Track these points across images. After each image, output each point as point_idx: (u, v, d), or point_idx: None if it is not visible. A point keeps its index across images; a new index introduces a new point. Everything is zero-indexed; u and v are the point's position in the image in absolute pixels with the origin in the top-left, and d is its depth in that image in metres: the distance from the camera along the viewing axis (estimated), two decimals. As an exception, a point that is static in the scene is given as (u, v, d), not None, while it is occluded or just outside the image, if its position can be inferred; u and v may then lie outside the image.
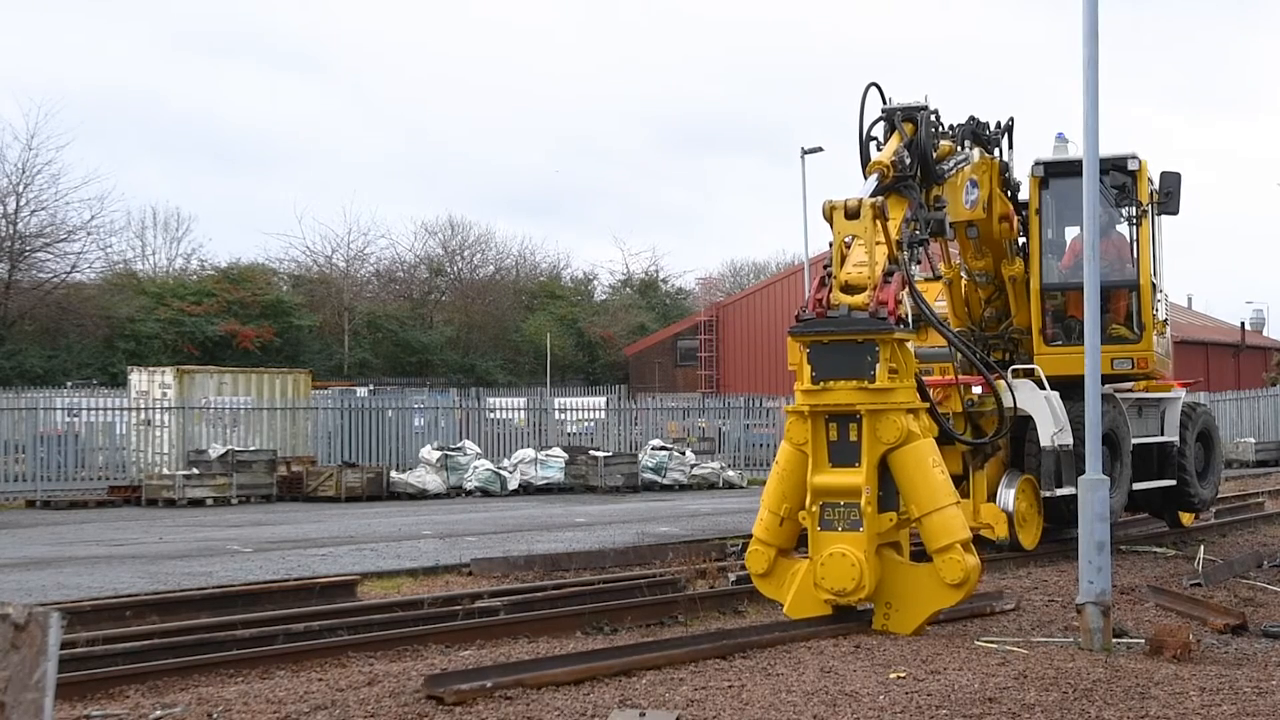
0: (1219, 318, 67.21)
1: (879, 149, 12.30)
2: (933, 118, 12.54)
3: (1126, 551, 15.74)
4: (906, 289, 10.60)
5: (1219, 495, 24.96)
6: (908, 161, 11.92)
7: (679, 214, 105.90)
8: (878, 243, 10.53)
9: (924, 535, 10.03)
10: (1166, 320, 17.37)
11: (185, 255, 60.54)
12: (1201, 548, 15.92)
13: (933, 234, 12.17)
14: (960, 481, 15.26)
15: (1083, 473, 14.85)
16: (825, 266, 10.72)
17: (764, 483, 11.29)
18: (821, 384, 10.07)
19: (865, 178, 11.77)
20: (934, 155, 12.51)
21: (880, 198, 10.86)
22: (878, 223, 10.53)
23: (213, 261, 58.31)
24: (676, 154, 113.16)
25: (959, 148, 13.83)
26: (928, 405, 10.77)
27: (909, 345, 10.53)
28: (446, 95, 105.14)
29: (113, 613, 10.76)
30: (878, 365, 9.97)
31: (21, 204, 47.40)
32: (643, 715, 7.48)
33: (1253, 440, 38.75)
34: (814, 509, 10.02)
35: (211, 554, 16.67)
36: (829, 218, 10.60)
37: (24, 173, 47.39)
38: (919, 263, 11.68)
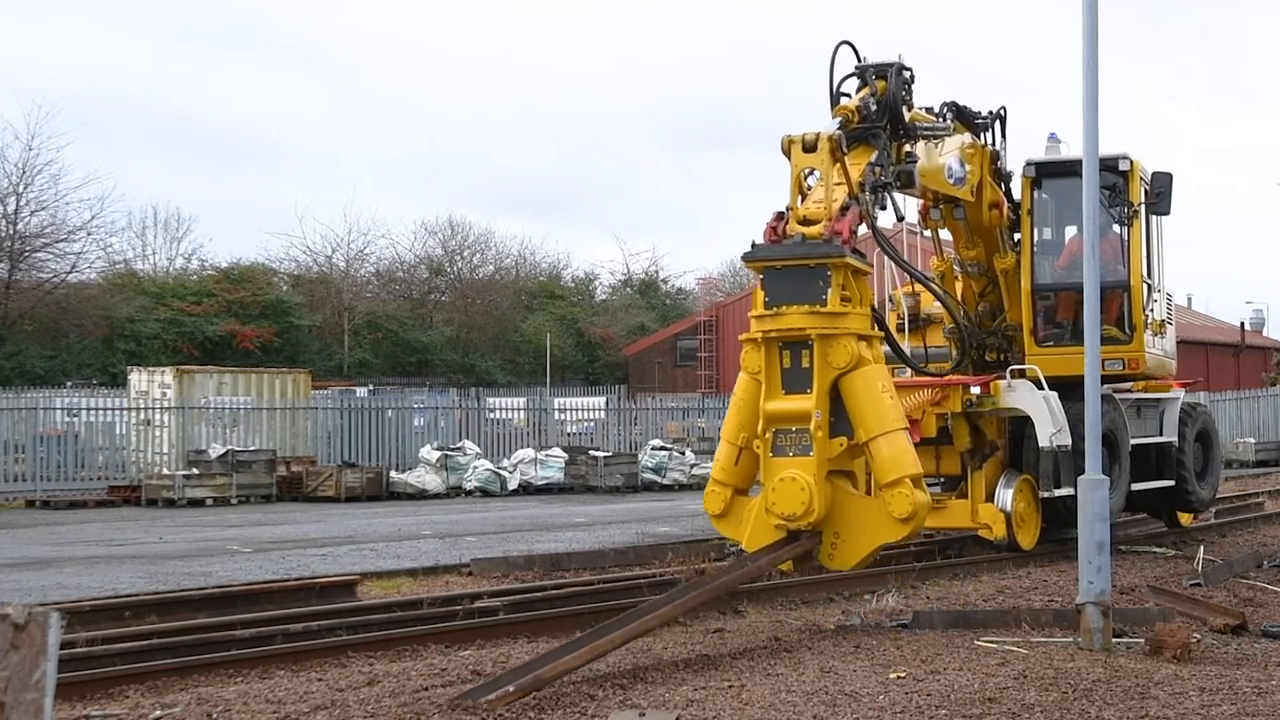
0: (1219, 318, 67.21)
1: None
2: (906, 75, 12.42)
3: (1126, 551, 15.73)
4: (864, 223, 10.66)
5: (1219, 495, 25.03)
6: (873, 108, 11.85)
7: (680, 212, 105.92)
8: (837, 183, 10.62)
9: (873, 466, 9.99)
10: (1168, 321, 17.31)
11: (186, 255, 60.66)
12: (1201, 548, 15.91)
13: (901, 185, 12.13)
14: (958, 481, 15.28)
15: (1082, 473, 14.92)
16: (788, 209, 10.73)
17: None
18: (774, 309, 10.10)
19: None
20: (907, 110, 12.42)
21: (839, 131, 10.80)
22: (835, 158, 10.54)
23: (213, 261, 58.40)
24: (677, 152, 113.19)
25: (940, 119, 13.80)
26: (883, 335, 10.78)
27: (865, 276, 10.54)
28: (446, 94, 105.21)
29: (112, 613, 10.76)
30: (829, 290, 9.99)
31: (22, 204, 47.42)
32: (643, 715, 7.49)
33: (1253, 440, 38.76)
34: (767, 436, 10.03)
35: (211, 554, 16.67)
36: (787, 151, 10.63)
37: (24, 173, 47.44)
38: (884, 207, 11.55)
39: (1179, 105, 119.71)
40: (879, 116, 11.90)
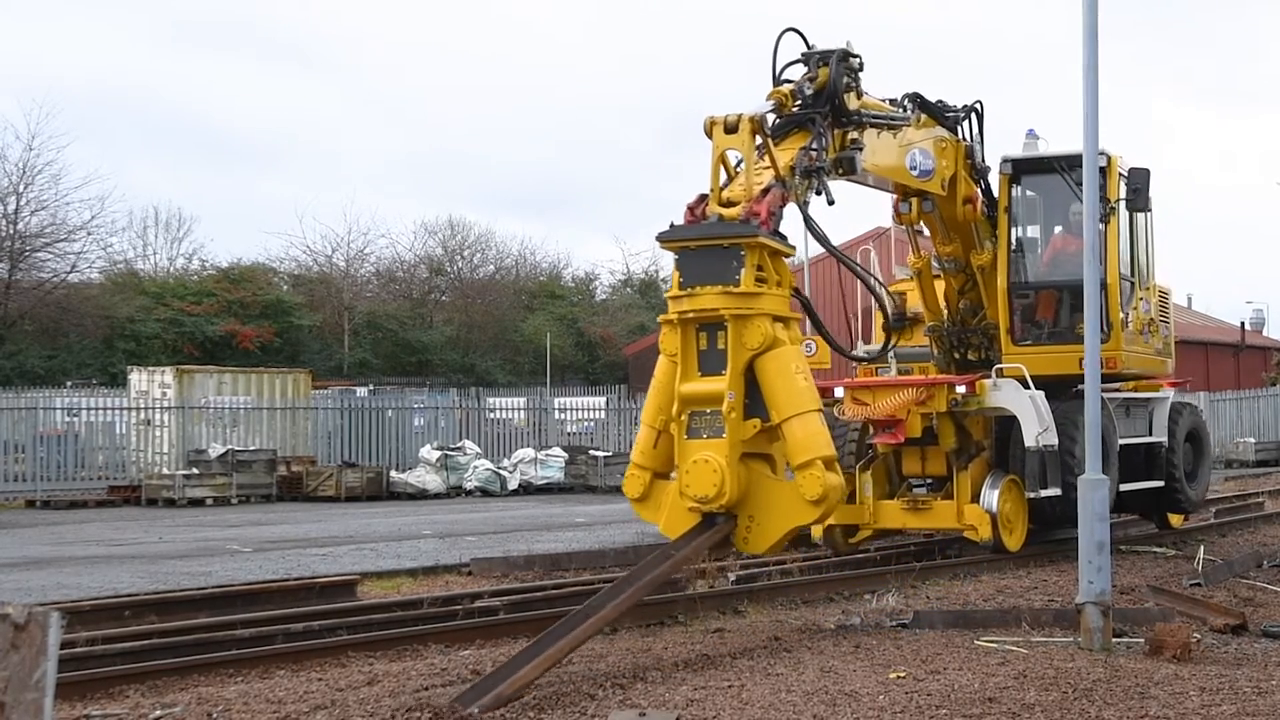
0: (1219, 318, 67.15)
1: None
2: (854, 62, 12.18)
3: (1126, 551, 15.74)
4: (784, 206, 10.45)
5: (1221, 495, 25.04)
6: (808, 93, 11.65)
7: (680, 212, 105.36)
8: (766, 167, 10.51)
9: (786, 448, 9.86)
10: (1158, 319, 17.09)
11: (186, 255, 60.62)
12: (1201, 548, 15.91)
13: (843, 172, 11.91)
14: (945, 482, 15.08)
15: (1071, 473, 14.84)
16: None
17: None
18: (688, 290, 9.99)
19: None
20: (856, 98, 12.19)
21: (760, 113, 10.63)
22: (758, 139, 10.44)
23: (213, 261, 58.36)
24: (677, 152, 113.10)
25: (901, 109, 13.58)
26: (800, 317, 10.65)
27: (784, 257, 10.39)
28: (446, 94, 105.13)
29: (112, 612, 10.76)
30: (743, 270, 9.87)
31: (22, 204, 47.40)
32: (643, 715, 7.49)
33: (1253, 440, 38.78)
34: (682, 418, 9.92)
35: (211, 554, 16.68)
36: (709, 133, 10.50)
37: (24, 173, 47.42)
38: (819, 193, 11.39)
39: (1179, 105, 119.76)
40: (818, 102, 11.67)
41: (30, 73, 78.27)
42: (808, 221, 11.06)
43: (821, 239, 11.23)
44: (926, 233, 15.98)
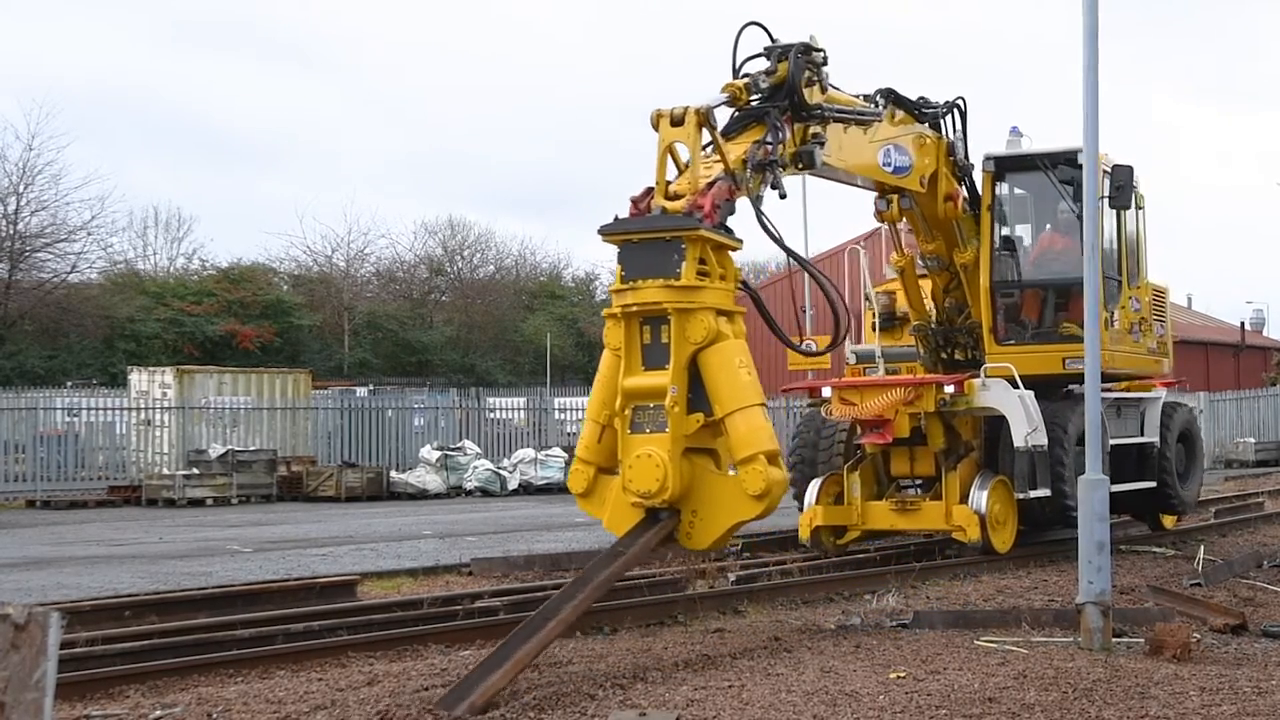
0: (1219, 318, 67.18)
1: None
2: (818, 56, 11.97)
3: (1126, 551, 15.73)
4: (731, 199, 10.32)
5: (1221, 495, 25.02)
6: (763, 86, 11.47)
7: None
8: (717, 160, 10.43)
9: (728, 443, 9.77)
10: (1151, 318, 16.96)
11: (186, 255, 60.67)
12: (1201, 548, 15.90)
13: (802, 166, 11.78)
14: (933, 483, 14.95)
15: (1060, 473, 14.80)
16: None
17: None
18: (630, 283, 9.91)
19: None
20: (820, 92, 12.01)
21: (707, 106, 10.47)
22: (705, 132, 10.32)
23: (213, 261, 58.40)
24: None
25: (873, 105, 13.41)
26: (746, 310, 10.55)
27: (729, 250, 10.27)
28: (446, 94, 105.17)
29: (112, 613, 10.75)
30: (684, 263, 9.77)
31: (22, 204, 47.45)
32: (643, 715, 7.49)
33: (1253, 440, 38.77)
34: (626, 413, 9.84)
35: (211, 554, 16.68)
36: (655, 125, 10.36)
37: (25, 173, 47.45)
38: (775, 186, 11.18)
39: (1179, 104, 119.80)
40: (776, 96, 11.49)
41: (30, 73, 78.44)
42: (760, 217, 10.86)
43: (774, 236, 11.00)
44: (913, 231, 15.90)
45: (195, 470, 28.46)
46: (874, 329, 16.54)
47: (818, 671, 8.67)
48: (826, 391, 14.79)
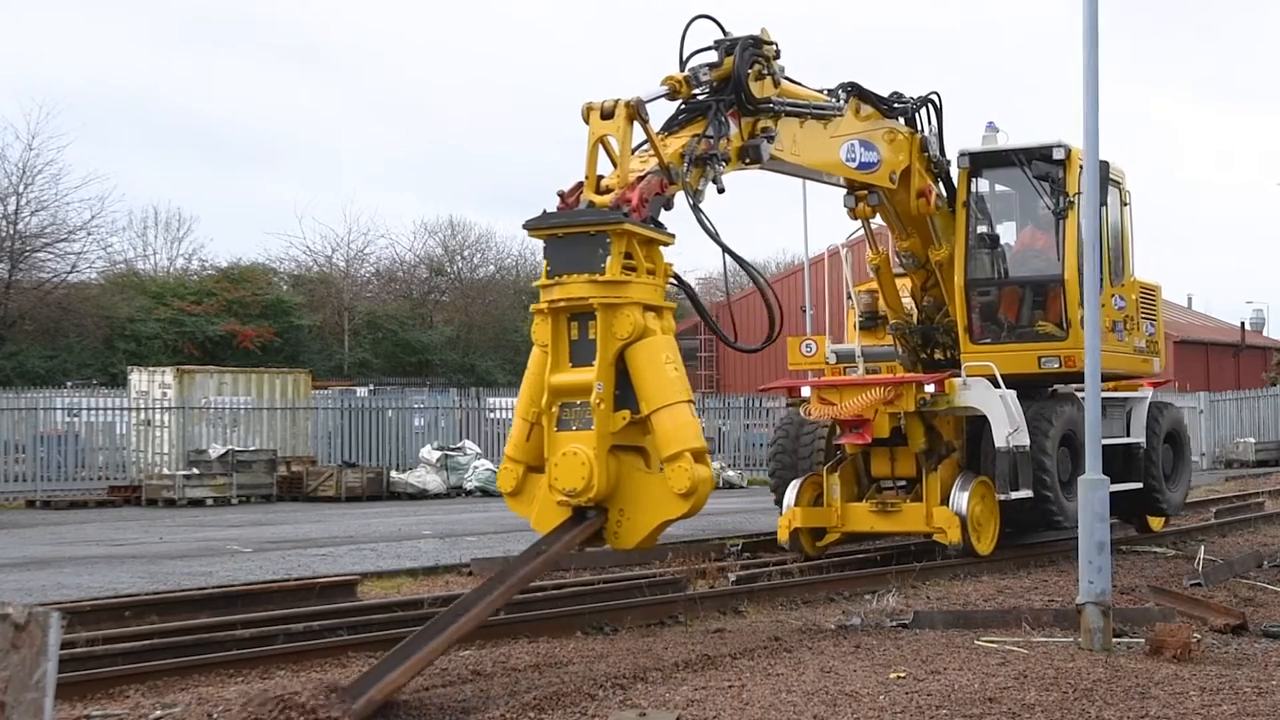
0: (1219, 318, 67.15)
1: None
2: (770, 50, 11.83)
3: (1126, 551, 15.73)
4: (662, 193, 10.24)
5: (1221, 495, 25.03)
6: (705, 79, 11.33)
7: (679, 212, 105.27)
8: (650, 154, 10.34)
9: (655, 440, 9.66)
10: (1139, 317, 16.81)
11: (186, 255, 60.60)
12: (1201, 548, 15.89)
13: (749, 161, 11.59)
14: (914, 484, 14.78)
15: (1042, 475, 14.71)
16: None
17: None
18: (556, 278, 9.80)
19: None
20: (773, 85, 11.86)
21: (638, 99, 10.42)
22: (636, 125, 10.26)
23: (213, 261, 58.36)
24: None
25: (834, 99, 13.24)
26: (675, 306, 10.51)
27: (658, 245, 10.19)
28: (447, 93, 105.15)
29: (113, 613, 10.75)
30: (609, 258, 9.67)
31: (22, 204, 47.38)
32: (643, 715, 7.49)
33: (1253, 440, 38.77)
34: (552, 410, 9.76)
35: (211, 554, 16.67)
36: (586, 118, 10.36)
37: (24, 173, 47.40)
38: (715, 181, 11.00)
39: (1178, 103, 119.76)
40: (722, 89, 11.36)
41: (30, 73, 78.29)
42: (696, 212, 10.71)
43: (710, 232, 10.87)
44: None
45: (195, 470, 28.45)
46: (856, 328, 16.43)
47: (818, 671, 8.67)
48: (805, 391, 14.70)
